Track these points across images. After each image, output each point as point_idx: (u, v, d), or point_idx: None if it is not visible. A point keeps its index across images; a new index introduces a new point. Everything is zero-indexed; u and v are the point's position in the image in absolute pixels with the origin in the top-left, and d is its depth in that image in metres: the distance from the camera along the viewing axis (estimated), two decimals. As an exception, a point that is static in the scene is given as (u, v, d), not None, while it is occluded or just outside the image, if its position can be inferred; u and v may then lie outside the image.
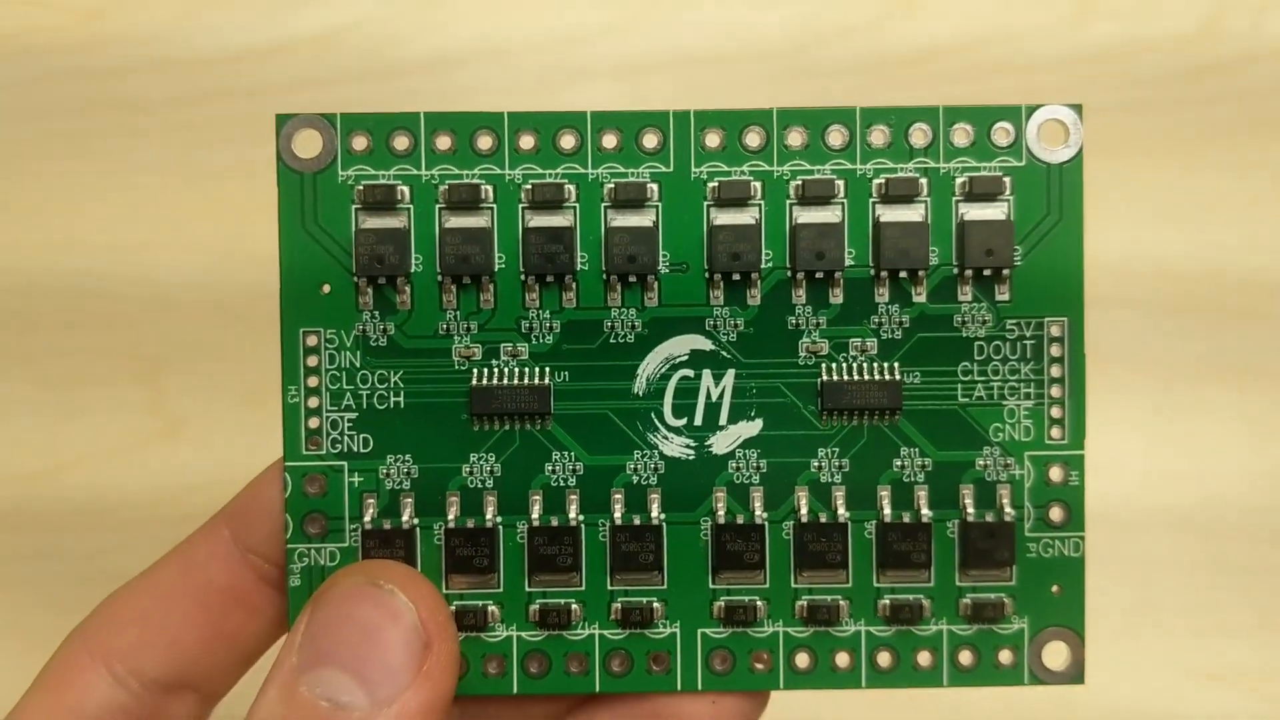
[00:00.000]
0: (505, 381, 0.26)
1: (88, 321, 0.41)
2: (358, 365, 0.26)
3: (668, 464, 0.27)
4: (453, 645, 0.24)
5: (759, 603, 0.27)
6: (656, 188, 0.26)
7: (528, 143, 0.26)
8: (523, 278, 0.26)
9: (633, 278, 0.26)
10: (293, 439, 0.26)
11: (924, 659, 0.27)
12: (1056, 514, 0.27)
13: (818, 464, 0.27)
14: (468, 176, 0.26)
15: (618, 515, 0.26)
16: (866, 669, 0.27)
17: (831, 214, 0.26)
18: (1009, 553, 0.26)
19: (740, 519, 0.26)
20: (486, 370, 0.26)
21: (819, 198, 0.26)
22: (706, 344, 0.27)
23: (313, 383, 0.26)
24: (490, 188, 0.26)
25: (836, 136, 0.26)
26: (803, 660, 0.27)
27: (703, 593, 0.27)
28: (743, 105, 0.26)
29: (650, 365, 0.27)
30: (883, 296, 0.26)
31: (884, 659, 0.27)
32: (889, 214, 0.26)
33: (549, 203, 0.26)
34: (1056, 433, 0.27)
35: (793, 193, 0.26)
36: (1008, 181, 0.26)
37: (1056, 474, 0.27)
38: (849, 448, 0.27)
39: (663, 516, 0.26)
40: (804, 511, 0.27)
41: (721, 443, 0.27)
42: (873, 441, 0.27)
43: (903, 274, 0.26)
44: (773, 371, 0.27)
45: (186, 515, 0.27)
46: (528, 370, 0.26)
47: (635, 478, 0.27)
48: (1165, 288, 0.42)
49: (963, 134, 0.26)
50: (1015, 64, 0.42)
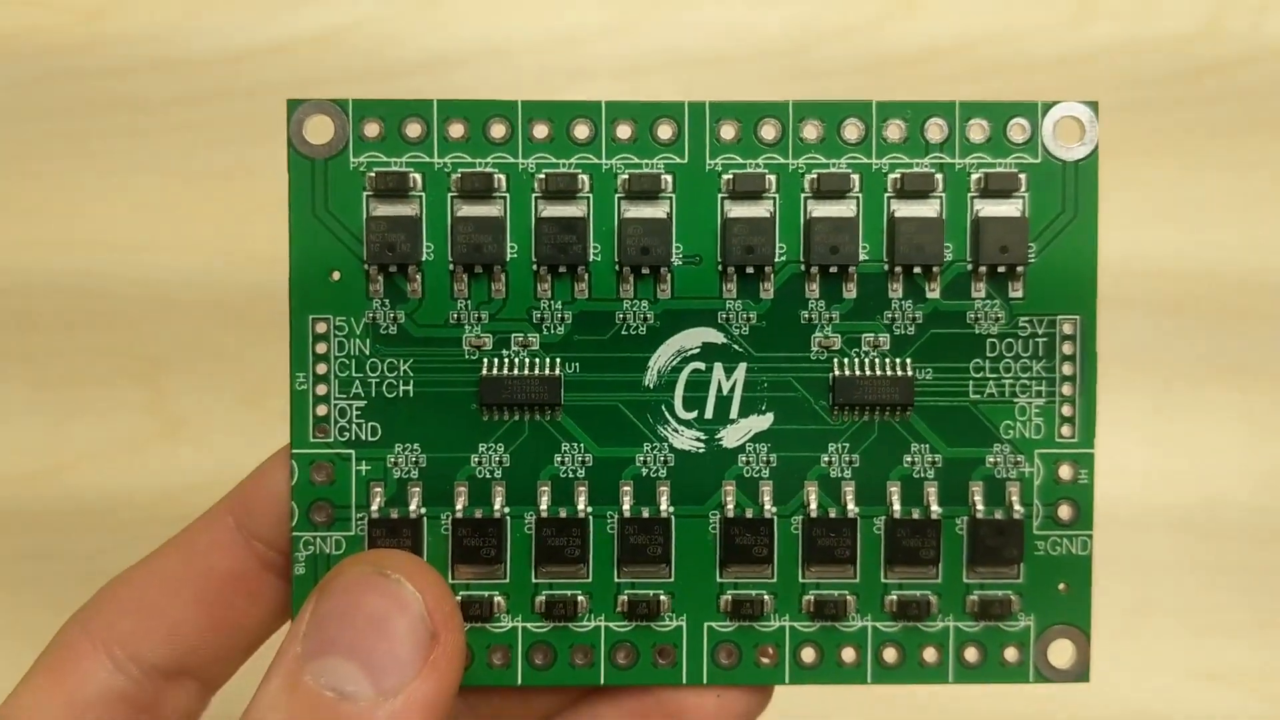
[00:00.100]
0: (515, 372, 0.26)
1: (88, 321, 0.41)
2: (367, 353, 0.26)
3: (677, 457, 0.26)
4: (459, 636, 0.23)
5: (766, 597, 0.26)
6: (671, 179, 0.26)
7: (541, 132, 0.26)
8: (535, 268, 0.26)
9: (645, 269, 0.26)
10: (300, 426, 0.26)
11: (930, 655, 0.27)
12: (1065, 512, 0.27)
13: (828, 459, 0.27)
14: (481, 165, 0.26)
15: (626, 507, 0.26)
16: (872, 665, 0.27)
17: (846, 208, 0.26)
18: (1017, 550, 0.26)
19: (749, 513, 0.26)
20: (497, 360, 0.26)
21: (834, 192, 0.26)
22: (719, 337, 0.26)
23: (321, 370, 0.26)
24: (503, 176, 0.26)
25: (852, 130, 0.26)
26: (809, 655, 0.27)
27: (710, 586, 0.27)
28: (743, 105, 0.26)
29: (662, 358, 0.26)
30: (896, 292, 0.26)
31: (890, 655, 0.27)
32: (904, 209, 0.26)
33: (562, 193, 0.26)
34: (1067, 431, 0.27)
35: (807, 186, 0.26)
36: (1023, 178, 0.26)
37: (1066, 472, 0.27)
38: (859, 443, 0.27)
39: (671, 509, 0.26)
40: (813, 506, 0.26)
41: (732, 436, 0.27)
42: (883, 437, 0.27)
43: (917, 270, 0.26)
44: (784, 366, 0.26)
45: (186, 515, 0.27)
46: (538, 361, 0.26)
47: (645, 470, 0.26)
48: (1165, 287, 0.42)
49: (979, 130, 0.26)
50: (1016, 64, 0.42)
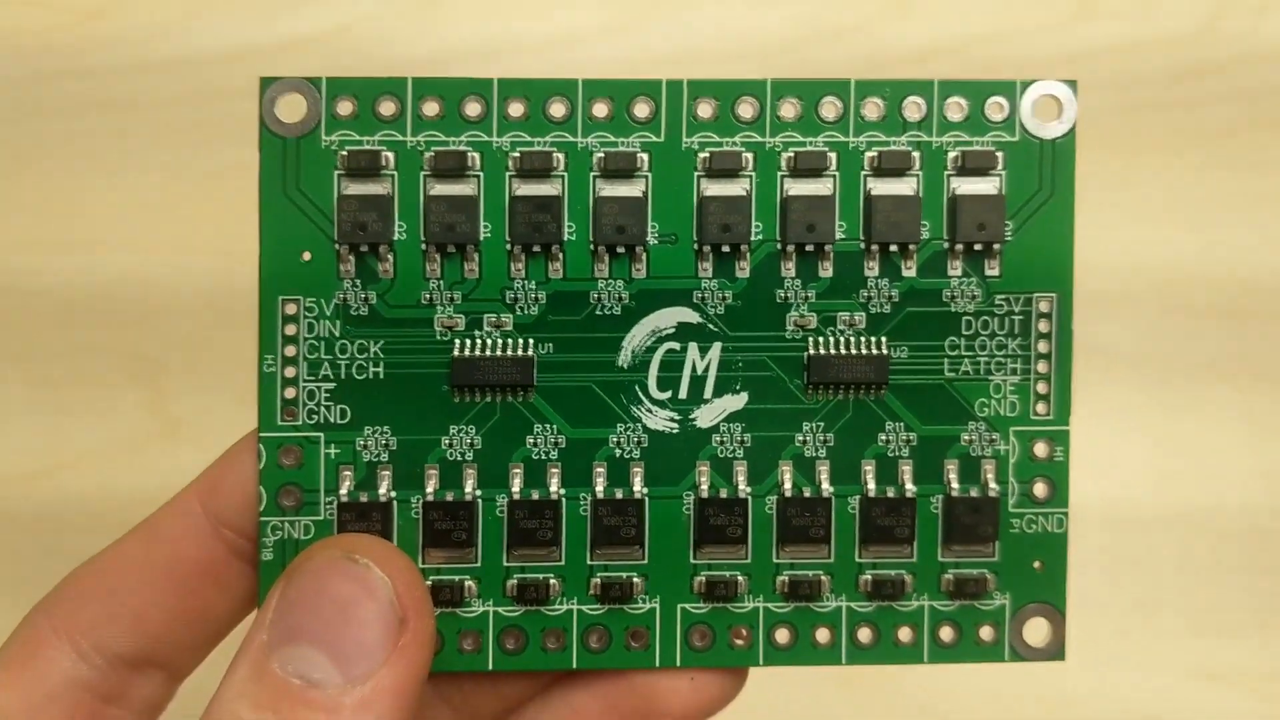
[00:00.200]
0: (488, 353, 0.26)
1: (88, 321, 0.41)
2: (337, 335, 0.26)
3: (651, 437, 0.26)
4: (429, 621, 0.23)
5: (740, 578, 0.26)
6: (647, 157, 0.26)
7: (516, 110, 0.26)
8: (509, 247, 0.26)
9: (621, 249, 0.26)
10: (268, 409, 0.26)
11: (905, 635, 0.27)
12: (1040, 489, 0.27)
13: (802, 438, 0.26)
14: (454, 143, 0.26)
15: (599, 489, 0.26)
16: (847, 645, 0.27)
17: (823, 186, 0.26)
18: (992, 528, 0.26)
19: (723, 493, 0.26)
20: (469, 341, 0.26)
21: (811, 170, 0.26)
22: (694, 317, 0.26)
23: (290, 352, 0.26)
24: (477, 155, 0.26)
25: (830, 109, 0.26)
26: (783, 636, 0.27)
27: (684, 567, 0.26)
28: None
29: (636, 338, 0.26)
30: (872, 270, 0.26)
31: (864, 635, 0.27)
32: (881, 187, 0.26)
33: (537, 171, 0.25)
34: (1042, 408, 0.27)
35: (784, 165, 0.26)
36: (1000, 156, 0.26)
37: (1041, 449, 0.27)
38: (834, 422, 0.26)
39: (645, 490, 0.26)
40: (788, 486, 0.26)
41: (706, 416, 0.26)
42: (858, 416, 0.26)
43: (893, 248, 0.26)
44: (760, 345, 0.26)
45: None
46: (512, 341, 0.26)
47: (618, 451, 0.26)
48: (1166, 287, 0.42)
49: (956, 108, 0.26)
50: (1013, 64, 0.42)
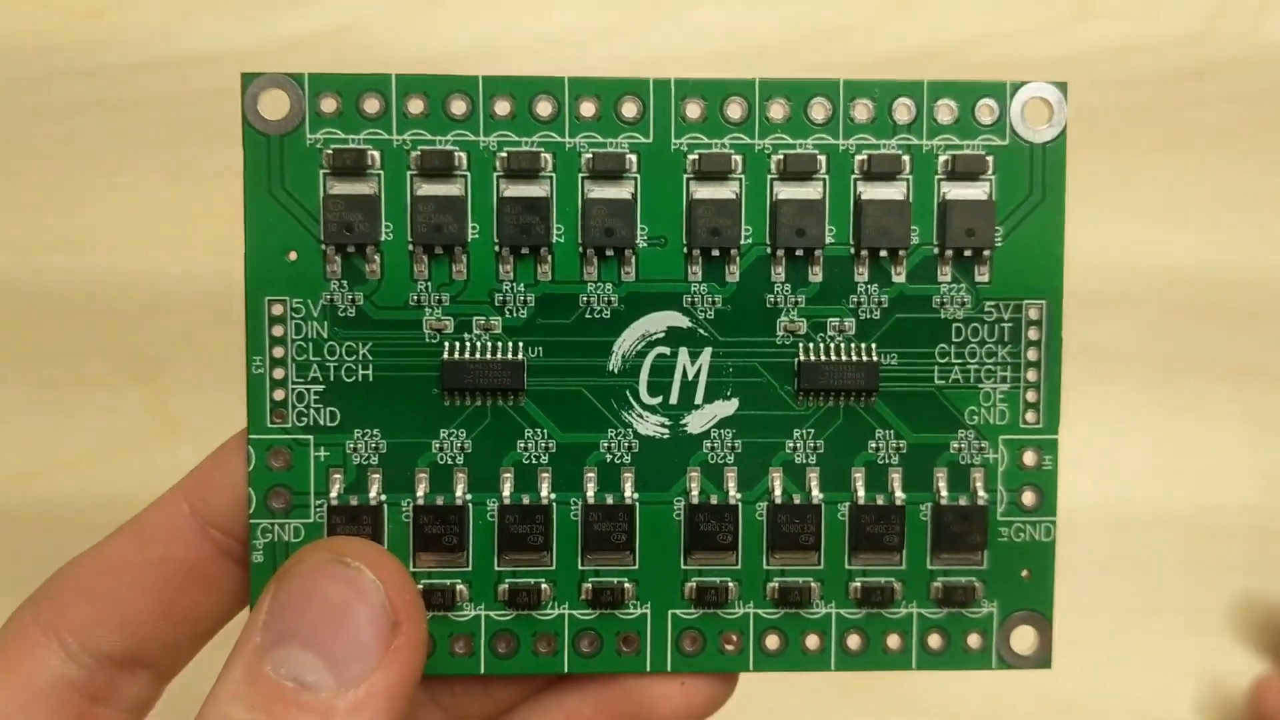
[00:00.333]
0: (477, 356, 0.26)
1: (87, 321, 0.41)
2: (325, 336, 0.26)
3: (642, 443, 0.26)
4: (421, 625, 0.23)
5: (730, 584, 0.26)
6: (635, 159, 0.26)
7: (503, 109, 0.25)
8: (497, 249, 0.26)
9: (610, 251, 0.26)
10: (257, 411, 0.25)
11: (893, 642, 0.27)
12: (1029, 498, 0.27)
13: (793, 445, 0.26)
14: (441, 142, 0.25)
15: (590, 494, 0.26)
16: (836, 651, 0.27)
17: (813, 190, 0.26)
18: (981, 536, 0.26)
19: (714, 499, 0.26)
20: (458, 344, 0.26)
21: (800, 173, 0.26)
22: (684, 321, 0.26)
23: (278, 353, 0.26)
24: (464, 155, 0.25)
25: (819, 110, 0.26)
26: (773, 642, 0.27)
27: (674, 573, 0.26)
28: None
29: (626, 342, 0.26)
30: (862, 276, 0.26)
31: (854, 642, 0.27)
32: (870, 191, 0.26)
33: (525, 172, 0.25)
34: (1031, 417, 0.27)
35: (774, 167, 0.26)
36: (990, 160, 0.26)
37: (1030, 458, 0.27)
38: (824, 429, 0.26)
39: (636, 496, 0.26)
40: (778, 493, 0.26)
41: (697, 422, 0.26)
42: (848, 423, 0.26)
43: (883, 253, 0.26)
44: (750, 350, 0.26)
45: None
46: (500, 344, 0.26)
47: (609, 456, 0.26)
48: (1166, 287, 0.42)
49: (946, 110, 0.26)
50: (1014, 64, 0.42)
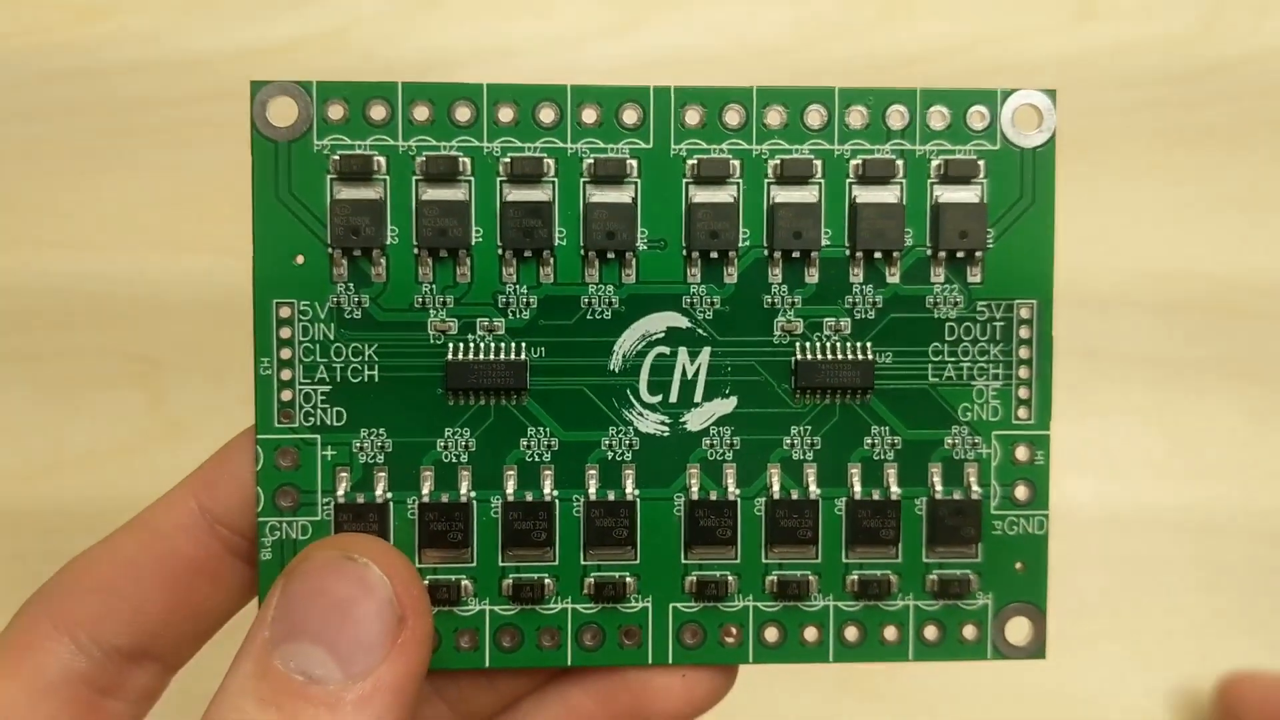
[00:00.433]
0: (481, 356, 0.26)
1: (88, 322, 0.41)
2: (331, 338, 0.26)
3: (642, 440, 0.27)
4: (427, 619, 0.24)
5: (730, 578, 0.27)
6: (636, 164, 0.26)
7: (507, 115, 0.26)
8: (500, 252, 0.26)
9: (611, 254, 0.26)
10: (265, 411, 0.26)
11: (890, 634, 0.27)
12: (1022, 492, 0.27)
13: (790, 442, 0.27)
14: (445, 148, 0.26)
15: (592, 491, 0.26)
16: (834, 644, 0.27)
17: (809, 194, 0.26)
18: (975, 530, 0.27)
19: (713, 495, 0.27)
20: (462, 345, 0.26)
21: (797, 177, 0.26)
22: (683, 321, 0.27)
23: (285, 355, 0.26)
24: (468, 160, 0.26)
25: (815, 117, 0.26)
26: (772, 635, 0.27)
27: (675, 568, 0.27)
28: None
29: (627, 342, 0.27)
30: (857, 277, 0.27)
31: (851, 634, 0.27)
32: (865, 195, 0.26)
33: (528, 176, 0.26)
34: (1024, 413, 0.27)
35: (771, 172, 0.26)
36: (982, 165, 0.27)
37: (1023, 453, 0.27)
38: (821, 426, 0.27)
39: (637, 492, 0.27)
40: (776, 488, 0.27)
41: (696, 420, 0.27)
42: (844, 420, 0.27)
43: (877, 255, 0.27)
44: (748, 350, 0.27)
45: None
46: (504, 345, 0.26)
47: (610, 454, 0.27)
48: (1167, 287, 0.43)
49: (939, 117, 0.27)
50: (1014, 65, 0.43)
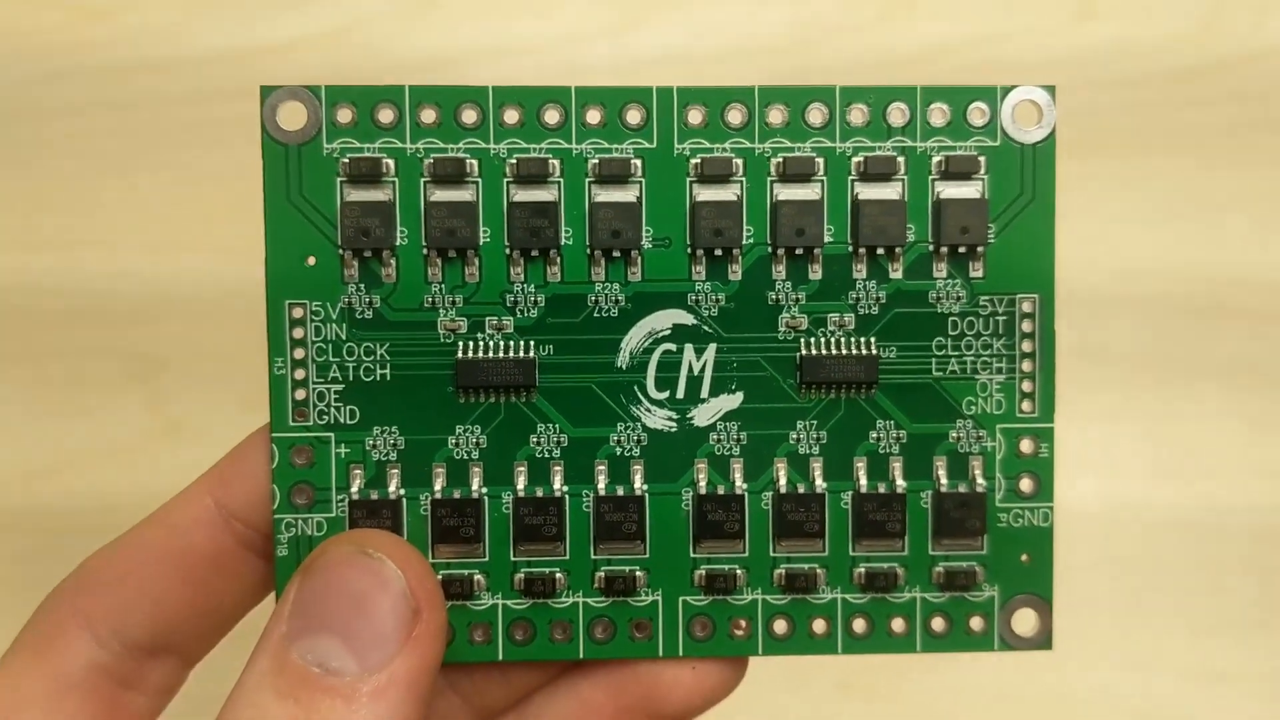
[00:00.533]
0: (490, 354, 0.27)
1: (88, 322, 0.41)
2: (344, 337, 0.27)
3: (650, 436, 0.27)
4: (441, 613, 0.24)
5: (738, 571, 0.27)
6: (640, 164, 0.27)
7: (512, 117, 0.26)
8: (508, 251, 0.27)
9: (616, 253, 0.27)
10: (279, 410, 0.26)
11: (898, 625, 0.28)
12: (1026, 485, 0.27)
13: (796, 436, 0.27)
14: (453, 150, 0.26)
15: (601, 486, 0.27)
16: (842, 635, 0.27)
17: (811, 191, 0.27)
18: (980, 522, 0.27)
19: (721, 490, 0.27)
20: (472, 343, 0.27)
21: (799, 175, 0.27)
22: (689, 318, 0.27)
23: (299, 355, 0.27)
24: (475, 162, 0.26)
25: (817, 115, 0.27)
26: (780, 627, 0.27)
27: (684, 561, 0.27)
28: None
29: (633, 339, 0.27)
30: (860, 273, 0.27)
31: (859, 625, 0.27)
32: (867, 192, 0.27)
33: (534, 177, 0.26)
34: (1027, 406, 0.27)
35: (774, 170, 0.27)
36: (982, 161, 0.27)
37: (1027, 446, 0.27)
38: (827, 420, 0.27)
39: (645, 487, 0.27)
40: (783, 482, 0.27)
41: (703, 415, 0.27)
42: (850, 414, 0.27)
43: (880, 251, 0.27)
44: (753, 346, 0.27)
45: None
46: (513, 343, 0.27)
47: (618, 449, 0.27)
48: (1165, 287, 0.43)
49: (939, 114, 0.27)
50: (1014, 64, 0.43)
